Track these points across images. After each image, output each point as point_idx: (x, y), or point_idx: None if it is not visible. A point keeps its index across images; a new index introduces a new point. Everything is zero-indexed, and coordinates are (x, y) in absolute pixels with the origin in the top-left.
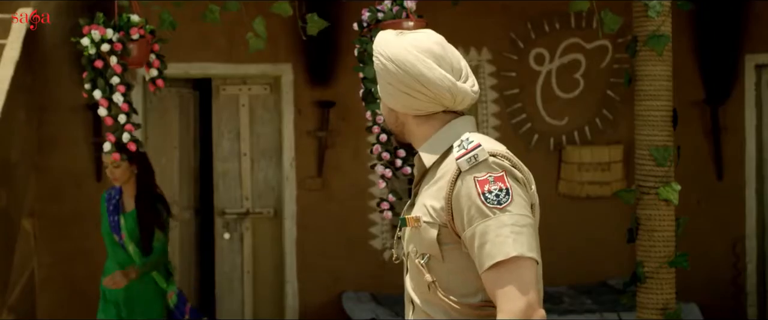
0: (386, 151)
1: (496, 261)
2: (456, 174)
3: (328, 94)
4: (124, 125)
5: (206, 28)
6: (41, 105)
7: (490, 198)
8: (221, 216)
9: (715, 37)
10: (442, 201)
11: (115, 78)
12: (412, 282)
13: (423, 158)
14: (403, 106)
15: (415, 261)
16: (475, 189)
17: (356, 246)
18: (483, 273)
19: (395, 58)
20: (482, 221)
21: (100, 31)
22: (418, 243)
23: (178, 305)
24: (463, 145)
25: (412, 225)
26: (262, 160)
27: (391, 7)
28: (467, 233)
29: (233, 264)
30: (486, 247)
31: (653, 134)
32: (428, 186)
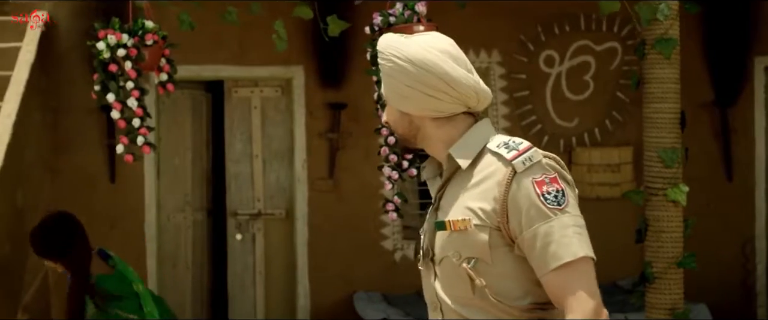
0: (393, 153)
1: (563, 261)
2: (510, 176)
3: (340, 96)
4: (139, 129)
5: (219, 31)
6: (56, 107)
7: (550, 199)
8: (233, 217)
9: (724, 39)
10: (492, 203)
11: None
12: (447, 286)
13: (457, 160)
14: (422, 108)
15: (462, 265)
16: (533, 190)
17: (367, 246)
18: (547, 274)
19: (415, 58)
20: (544, 222)
21: (116, 36)
22: (462, 246)
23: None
24: (513, 147)
25: (456, 229)
26: (273, 161)
27: (403, 11)
28: (526, 234)
29: (245, 264)
30: (551, 248)
31: (661, 136)
32: (465, 188)
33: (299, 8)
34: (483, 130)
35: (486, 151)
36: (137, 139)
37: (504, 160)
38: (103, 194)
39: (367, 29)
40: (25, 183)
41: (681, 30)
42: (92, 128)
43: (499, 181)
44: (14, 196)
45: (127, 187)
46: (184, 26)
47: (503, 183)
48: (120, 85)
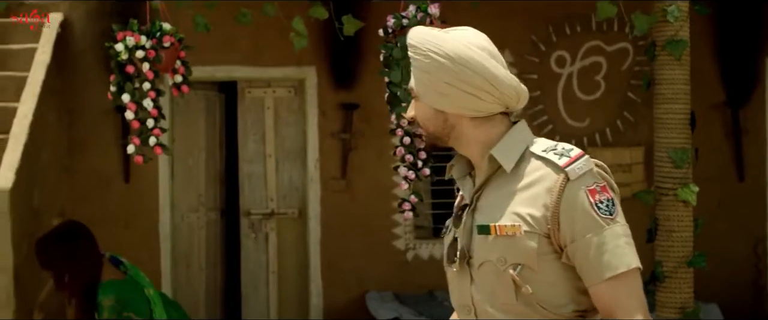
0: (409, 153)
1: (617, 272)
2: (563, 183)
3: (352, 97)
4: (152, 129)
5: (232, 32)
6: (71, 107)
7: (603, 208)
8: (247, 216)
9: (735, 40)
10: (542, 210)
11: (147, 84)
12: (486, 291)
13: (502, 162)
14: (461, 107)
15: (507, 271)
16: (587, 199)
17: (380, 246)
18: (598, 284)
19: (456, 55)
20: (597, 232)
21: (135, 37)
22: (508, 252)
23: None
24: (563, 153)
25: (502, 234)
26: (286, 161)
27: (416, 13)
28: (579, 243)
29: (258, 264)
30: (604, 258)
31: (672, 137)
32: (509, 192)
33: (315, 9)
34: (523, 131)
35: (529, 154)
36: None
37: (555, 166)
38: (117, 194)
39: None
40: (41, 184)
41: (692, 31)
42: (107, 129)
43: (550, 188)
44: (31, 197)
45: (141, 187)
46: (200, 28)
47: (555, 190)
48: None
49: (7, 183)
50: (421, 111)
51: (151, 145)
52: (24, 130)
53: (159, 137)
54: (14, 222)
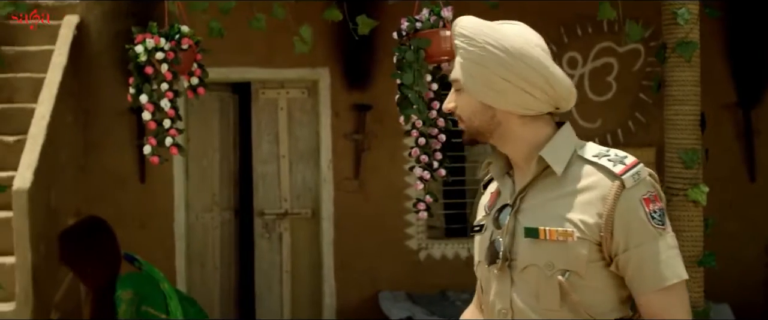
0: (424, 154)
1: (669, 283)
2: (618, 191)
3: (365, 98)
4: (168, 129)
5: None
6: (87, 108)
7: (656, 218)
8: (260, 216)
9: (747, 41)
10: (595, 218)
11: (165, 84)
12: (529, 295)
13: (552, 165)
14: (513, 103)
15: (556, 277)
16: (642, 208)
17: (392, 246)
18: (648, 294)
19: (515, 49)
20: (651, 242)
21: (154, 39)
22: (557, 257)
23: None
24: (617, 159)
25: (552, 239)
26: (300, 162)
27: (429, 16)
28: (631, 253)
29: (272, 263)
30: (657, 268)
31: (682, 137)
32: (558, 196)
33: (329, 11)
34: (570, 133)
35: (578, 158)
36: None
37: (609, 173)
38: (133, 194)
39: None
40: (58, 184)
41: (704, 32)
42: (122, 129)
43: (604, 196)
44: (48, 197)
45: (156, 187)
46: (214, 34)
47: (610, 198)
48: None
49: (26, 183)
50: (466, 104)
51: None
52: (42, 130)
53: (175, 137)
54: (32, 221)
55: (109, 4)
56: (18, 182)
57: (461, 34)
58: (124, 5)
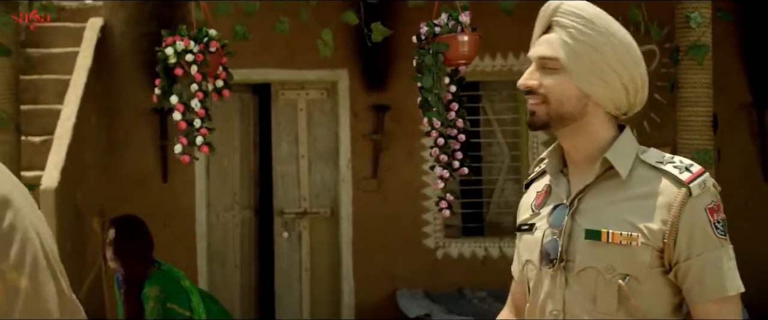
0: (444, 154)
1: (728, 294)
2: (685, 199)
3: (383, 98)
4: (199, 129)
5: (267, 36)
6: (110, 109)
7: (719, 228)
8: (280, 215)
9: (761, 42)
10: (660, 224)
11: (194, 85)
12: (585, 297)
13: (618, 168)
14: (610, 97)
15: (616, 281)
16: (706, 217)
17: (410, 245)
18: (706, 303)
19: (629, 43)
20: (713, 251)
21: (184, 42)
22: (619, 261)
23: None
24: (682, 167)
25: (615, 242)
26: (319, 161)
27: (448, 21)
28: (693, 261)
29: (292, 262)
30: (717, 279)
31: (695, 138)
32: (621, 199)
33: (346, 14)
34: (632, 138)
35: (641, 163)
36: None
37: (675, 180)
38: (155, 194)
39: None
40: (83, 184)
41: (719, 33)
42: (145, 130)
43: (670, 203)
44: (74, 196)
45: (178, 187)
46: (238, 37)
47: (676, 205)
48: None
49: (53, 182)
50: (560, 86)
51: (197, 145)
52: (68, 131)
53: (206, 136)
54: (59, 220)
55: (133, 7)
56: (46, 182)
57: (578, 15)
58: (147, 8)
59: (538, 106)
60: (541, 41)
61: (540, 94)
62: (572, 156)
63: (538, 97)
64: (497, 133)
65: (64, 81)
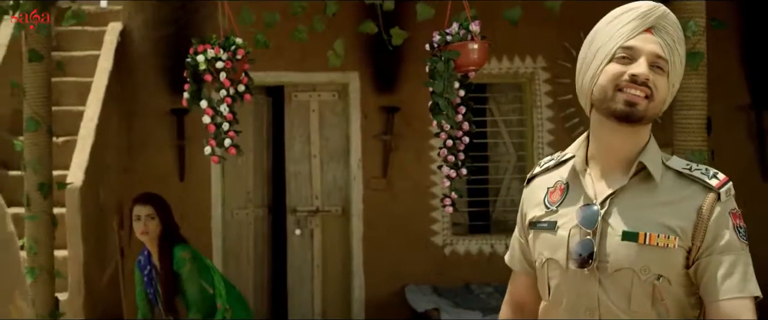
0: (451, 154)
1: (747, 295)
2: (714, 203)
3: (393, 100)
4: (228, 132)
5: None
6: (130, 111)
7: (742, 233)
8: (293, 213)
9: (760, 46)
10: (690, 226)
11: (223, 91)
12: (620, 297)
13: (652, 171)
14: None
15: (652, 282)
16: (731, 221)
17: (419, 242)
18: (726, 301)
19: None
20: (736, 252)
21: (215, 50)
22: (655, 262)
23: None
24: (710, 174)
25: (653, 243)
26: (330, 161)
27: (458, 30)
28: (714, 258)
29: (304, 258)
30: (738, 278)
31: (690, 139)
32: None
33: (364, 25)
34: (656, 144)
35: (668, 169)
36: (225, 141)
37: (705, 185)
38: (172, 191)
39: (427, 46)
40: (105, 182)
41: (719, 37)
42: (163, 130)
43: (700, 206)
44: (97, 194)
45: (194, 186)
46: (260, 45)
47: (705, 208)
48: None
49: (78, 181)
50: (665, 88)
51: (226, 147)
52: (90, 132)
53: (233, 139)
54: (84, 217)
55: (151, 12)
56: (71, 181)
57: (675, 23)
58: (165, 13)
59: (642, 100)
60: (649, 39)
61: (648, 88)
62: (608, 156)
63: (645, 91)
64: (503, 134)
65: (85, 83)
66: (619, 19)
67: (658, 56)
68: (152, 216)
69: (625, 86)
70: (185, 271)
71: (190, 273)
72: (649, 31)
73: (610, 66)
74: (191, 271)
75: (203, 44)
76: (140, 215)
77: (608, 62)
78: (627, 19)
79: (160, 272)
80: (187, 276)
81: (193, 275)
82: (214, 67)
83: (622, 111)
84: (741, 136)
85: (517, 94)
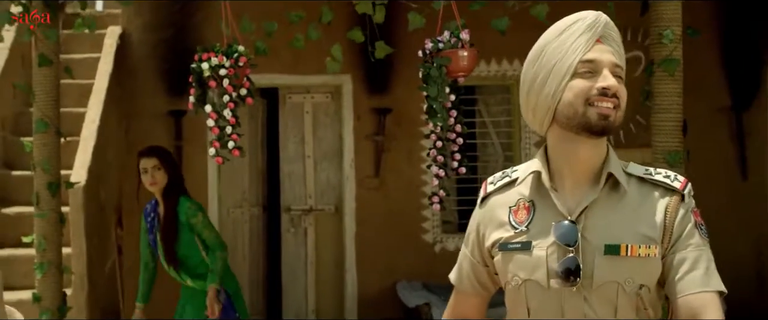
0: (441, 155)
1: (714, 289)
2: (678, 203)
3: (385, 102)
4: (231, 135)
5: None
6: (128, 112)
7: (703, 230)
8: (287, 212)
9: (740, 50)
10: (660, 230)
11: (226, 96)
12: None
13: (621, 181)
14: None
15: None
16: (693, 220)
17: (409, 239)
18: (694, 295)
19: None
20: (701, 248)
21: (219, 58)
22: (638, 273)
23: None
24: (673, 177)
25: (634, 255)
26: (324, 161)
27: (449, 38)
28: (682, 254)
29: (298, 256)
30: (705, 273)
31: (667, 141)
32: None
33: (353, 32)
34: (614, 152)
35: (629, 176)
36: (228, 143)
37: (669, 188)
38: None
39: (420, 53)
40: (105, 182)
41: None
42: (161, 131)
43: (665, 208)
44: (98, 193)
45: (191, 185)
46: (260, 52)
47: (671, 209)
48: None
49: (81, 181)
50: (625, 94)
51: (229, 148)
52: (92, 133)
53: (236, 141)
54: (86, 216)
55: (149, 16)
56: (74, 180)
57: (613, 26)
58: (163, 17)
59: (612, 111)
60: (603, 49)
61: (616, 99)
62: (576, 170)
63: (614, 101)
64: (492, 134)
65: (86, 85)
66: (568, 33)
67: (616, 65)
68: (158, 166)
69: (595, 100)
70: (198, 220)
71: (204, 219)
72: (599, 40)
73: (575, 81)
74: (204, 219)
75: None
76: (146, 167)
77: (571, 77)
78: (577, 31)
79: (161, 220)
80: (201, 224)
81: (207, 222)
82: (217, 74)
83: (597, 125)
84: (722, 137)
85: (506, 95)
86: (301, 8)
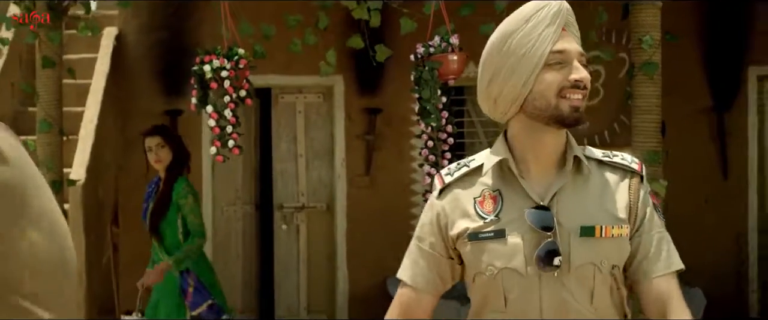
0: (432, 154)
1: (677, 268)
2: (638, 184)
3: (376, 102)
4: (231, 134)
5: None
6: (125, 111)
7: (659, 211)
8: (279, 210)
9: (721, 51)
10: (624, 210)
11: (227, 97)
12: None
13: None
14: None
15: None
16: (649, 201)
17: (399, 236)
18: (659, 277)
19: None
20: (659, 229)
21: (220, 61)
22: (611, 254)
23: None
24: (629, 159)
25: (608, 235)
26: (316, 160)
27: (440, 42)
28: (646, 237)
29: (290, 252)
30: (667, 254)
31: (646, 141)
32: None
33: (352, 39)
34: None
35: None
36: (229, 142)
37: (628, 170)
38: None
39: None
40: (103, 180)
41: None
42: None
43: (629, 188)
44: (96, 191)
45: None
46: (258, 55)
47: (634, 190)
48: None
49: (80, 179)
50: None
51: (229, 147)
52: (90, 133)
53: (236, 140)
54: (85, 213)
55: (146, 17)
56: (73, 178)
57: (572, 12)
58: (159, 18)
59: (582, 102)
60: (569, 38)
61: (586, 89)
62: (542, 156)
63: (584, 92)
64: (480, 134)
65: (83, 85)
66: (534, 21)
67: (581, 54)
68: (162, 144)
69: (568, 92)
70: (186, 203)
71: (194, 204)
72: (564, 29)
73: (546, 73)
74: (194, 203)
75: (209, 55)
76: (151, 146)
77: (541, 68)
78: (545, 20)
79: (157, 193)
80: (189, 207)
81: (195, 207)
82: (219, 76)
83: (569, 117)
84: (704, 137)
85: None
86: (297, 11)
